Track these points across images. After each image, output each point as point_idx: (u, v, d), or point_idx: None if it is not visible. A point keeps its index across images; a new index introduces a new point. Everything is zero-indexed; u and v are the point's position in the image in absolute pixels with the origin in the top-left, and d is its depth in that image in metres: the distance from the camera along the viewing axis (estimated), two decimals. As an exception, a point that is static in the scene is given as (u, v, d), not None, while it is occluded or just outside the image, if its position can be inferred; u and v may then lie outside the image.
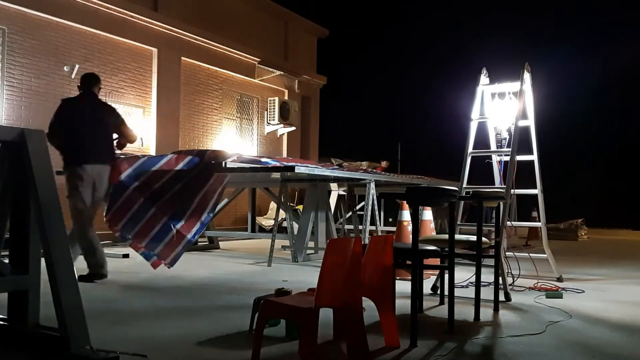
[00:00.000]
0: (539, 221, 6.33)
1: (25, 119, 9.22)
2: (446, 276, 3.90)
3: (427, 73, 24.32)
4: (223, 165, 6.32)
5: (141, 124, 11.33)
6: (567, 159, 20.27)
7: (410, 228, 6.02)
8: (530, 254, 5.89)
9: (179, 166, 6.27)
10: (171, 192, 6.08)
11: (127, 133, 6.07)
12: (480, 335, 3.54)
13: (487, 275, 5.01)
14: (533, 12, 23.95)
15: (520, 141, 5.74)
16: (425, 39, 24.86)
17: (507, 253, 5.52)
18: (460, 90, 7.86)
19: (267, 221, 12.44)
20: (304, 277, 5.86)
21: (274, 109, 14.30)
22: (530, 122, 6.00)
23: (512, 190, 5.64)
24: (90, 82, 6.00)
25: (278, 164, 6.85)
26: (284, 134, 15.15)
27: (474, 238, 4.20)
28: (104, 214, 5.77)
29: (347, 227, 9.45)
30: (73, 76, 9.96)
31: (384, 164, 14.52)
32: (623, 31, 21.98)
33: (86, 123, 5.75)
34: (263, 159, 6.99)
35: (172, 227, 5.89)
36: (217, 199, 6.46)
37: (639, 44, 19.95)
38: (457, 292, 4.04)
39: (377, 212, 8.01)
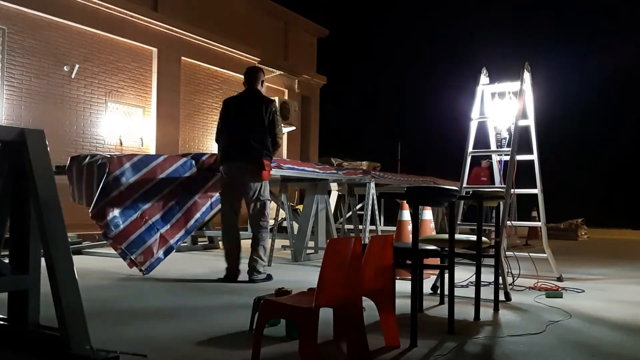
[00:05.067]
0: (539, 221, 6.33)
1: (25, 119, 9.22)
2: (446, 276, 3.90)
3: (427, 72, 24.36)
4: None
5: (141, 124, 11.34)
6: (567, 159, 20.27)
7: (410, 228, 6.01)
8: (530, 254, 5.88)
9: (172, 168, 6.25)
10: (161, 194, 6.06)
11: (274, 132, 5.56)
12: (480, 335, 3.53)
13: (487, 275, 5.00)
14: (533, 12, 23.95)
15: (520, 141, 5.74)
16: (425, 39, 24.88)
17: (507, 253, 5.52)
18: (460, 89, 7.87)
19: (267, 221, 12.41)
20: (304, 277, 5.85)
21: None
22: (530, 122, 5.99)
23: (512, 190, 5.64)
24: (250, 77, 5.71)
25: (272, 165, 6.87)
26: (284, 133, 15.14)
27: (474, 238, 4.20)
28: (90, 209, 5.75)
29: (347, 227, 9.45)
30: (73, 76, 9.97)
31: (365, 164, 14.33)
32: (624, 31, 21.97)
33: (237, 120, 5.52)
34: None
35: (157, 230, 5.89)
36: (214, 203, 6.43)
37: (638, 44, 19.94)
38: (457, 291, 4.04)
39: (377, 212, 8.01)
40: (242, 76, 5.98)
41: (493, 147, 6.30)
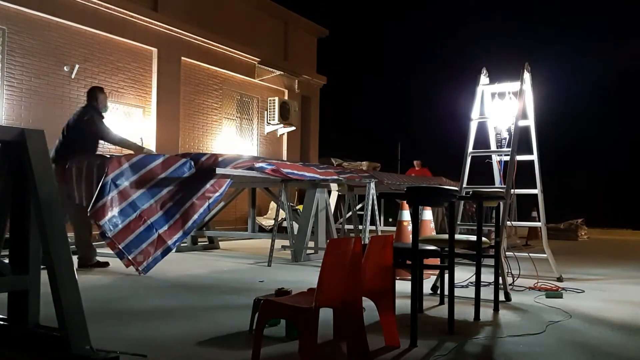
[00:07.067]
0: (539, 221, 6.33)
1: (25, 119, 9.22)
2: (446, 276, 3.90)
3: (427, 73, 24.37)
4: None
5: (141, 124, 11.34)
6: (567, 159, 20.27)
7: (410, 228, 6.01)
8: (530, 254, 5.89)
9: (171, 169, 6.26)
10: (159, 195, 6.07)
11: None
12: (480, 335, 3.54)
13: (487, 275, 5.01)
14: (533, 13, 23.96)
15: (520, 141, 5.74)
16: (426, 39, 24.90)
17: (507, 253, 5.52)
18: (460, 90, 7.87)
19: (267, 221, 12.43)
20: (304, 277, 5.86)
21: (274, 109, 14.29)
22: (530, 122, 6.00)
23: (512, 190, 5.64)
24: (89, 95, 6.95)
25: (271, 168, 6.93)
26: (284, 134, 15.15)
27: (474, 238, 4.20)
28: (89, 209, 5.76)
29: (347, 227, 9.45)
30: (73, 76, 9.96)
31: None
32: (623, 31, 21.98)
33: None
34: (257, 164, 7.00)
35: (155, 230, 5.89)
36: (212, 204, 6.44)
37: (638, 44, 19.95)
38: (457, 292, 4.04)
39: (377, 212, 8.01)
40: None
41: (493, 147, 6.31)
